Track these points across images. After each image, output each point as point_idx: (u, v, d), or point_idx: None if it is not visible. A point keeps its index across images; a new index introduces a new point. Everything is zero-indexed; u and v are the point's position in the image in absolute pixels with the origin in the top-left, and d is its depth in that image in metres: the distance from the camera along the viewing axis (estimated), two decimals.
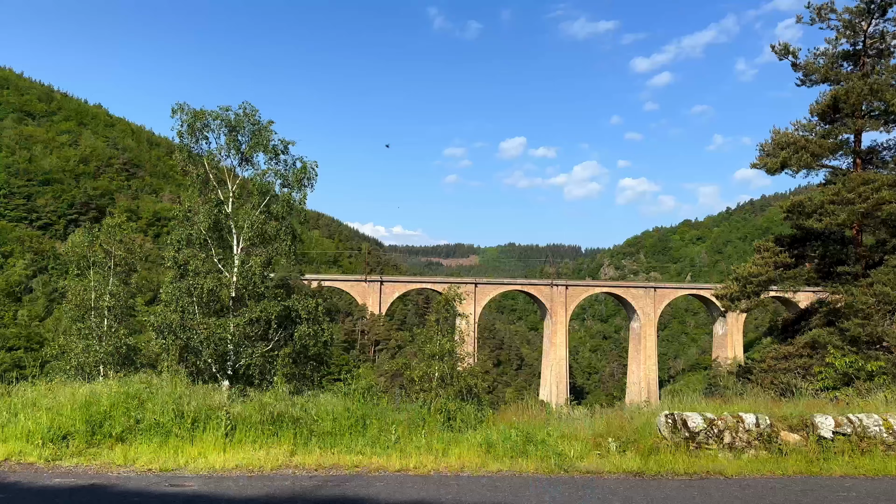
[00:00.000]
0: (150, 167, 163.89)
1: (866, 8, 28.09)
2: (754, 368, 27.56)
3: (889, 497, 8.83)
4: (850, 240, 28.72)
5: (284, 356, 22.91)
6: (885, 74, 28.13)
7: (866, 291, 24.63)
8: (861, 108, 28.07)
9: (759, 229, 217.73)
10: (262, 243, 24.53)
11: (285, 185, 25.13)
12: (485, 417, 13.63)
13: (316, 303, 24.23)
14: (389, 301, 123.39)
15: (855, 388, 15.92)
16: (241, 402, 12.29)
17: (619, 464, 10.35)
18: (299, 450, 10.48)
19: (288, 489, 8.47)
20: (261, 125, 24.67)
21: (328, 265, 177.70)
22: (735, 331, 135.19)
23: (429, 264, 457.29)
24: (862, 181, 26.12)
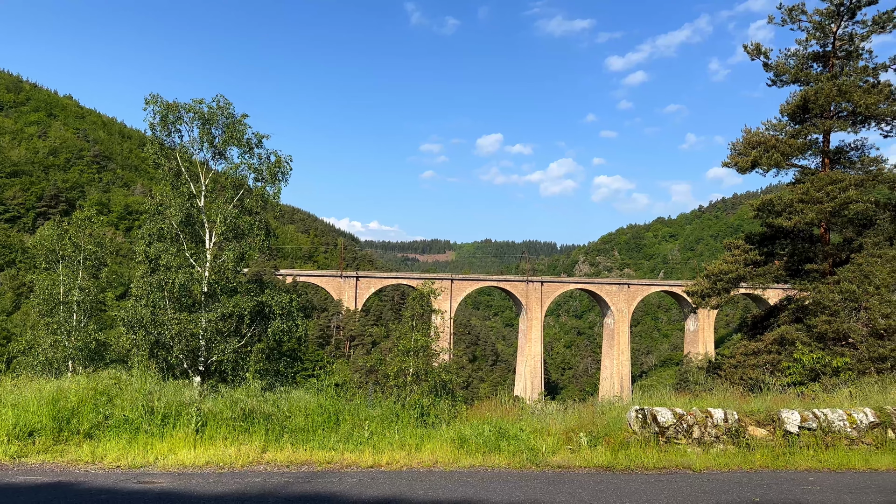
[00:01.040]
0: (122, 160, 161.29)
1: (836, 10, 28.57)
2: (724, 364, 27.99)
3: (851, 490, 9.03)
4: (817, 238, 29.24)
5: (257, 352, 22.72)
6: (854, 76, 28.64)
7: (833, 289, 25.12)
8: (830, 109, 28.56)
9: (730, 227, 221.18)
10: (236, 238, 24.25)
11: (259, 179, 24.88)
12: (458, 413, 13.67)
13: (290, 298, 24.04)
14: (365, 297, 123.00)
15: (821, 383, 16.26)
16: (212, 398, 12.17)
17: (590, 458, 10.46)
18: (271, 446, 10.42)
19: (259, 486, 8.42)
20: (234, 118, 24.38)
21: (303, 260, 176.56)
22: (706, 327, 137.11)
23: (405, 260, 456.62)
24: (829, 181, 26.61)
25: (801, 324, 26.17)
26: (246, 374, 15.33)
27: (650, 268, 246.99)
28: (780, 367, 19.14)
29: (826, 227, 28.59)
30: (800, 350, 18.53)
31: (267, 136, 24.87)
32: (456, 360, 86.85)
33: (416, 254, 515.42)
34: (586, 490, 8.67)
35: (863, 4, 28.38)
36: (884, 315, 23.62)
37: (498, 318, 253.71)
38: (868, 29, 28.70)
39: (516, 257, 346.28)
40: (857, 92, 27.41)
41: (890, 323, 23.58)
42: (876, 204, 28.36)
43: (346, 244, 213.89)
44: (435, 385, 25.66)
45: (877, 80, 28.83)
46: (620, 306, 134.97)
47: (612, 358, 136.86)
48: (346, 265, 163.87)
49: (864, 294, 23.92)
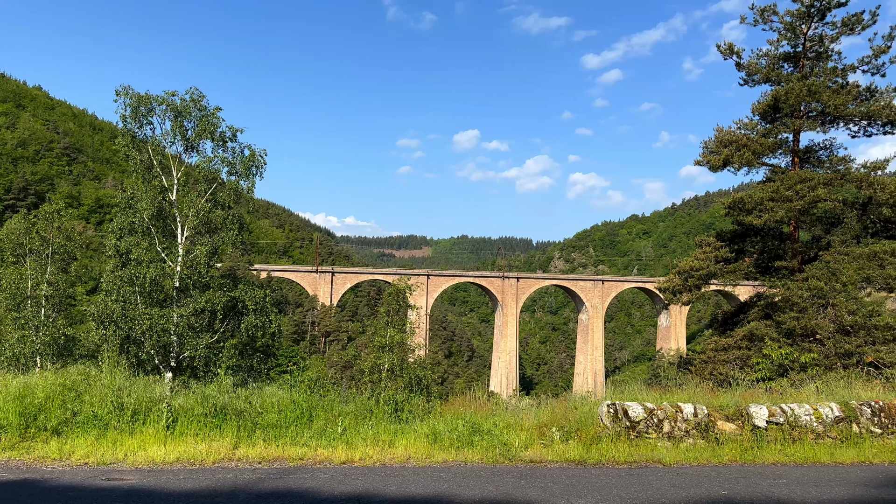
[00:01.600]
0: (93, 152, 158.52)
1: (806, 12, 29.00)
2: (695, 359, 28.38)
3: (817, 483, 9.21)
4: (787, 236, 29.73)
5: (230, 348, 22.52)
6: (823, 77, 29.13)
7: (801, 286, 25.57)
8: (800, 109, 29.01)
9: (702, 225, 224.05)
10: (208, 232, 24.00)
11: (232, 172, 24.63)
12: (433, 408, 13.69)
13: (264, 293, 23.86)
14: (341, 292, 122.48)
15: (789, 378, 16.54)
16: (183, 394, 12.06)
17: (562, 453, 10.55)
18: (243, 442, 10.34)
19: (230, 482, 8.35)
20: (208, 111, 24.10)
21: (278, 255, 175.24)
22: (678, 323, 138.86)
23: (381, 255, 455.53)
24: (799, 179, 27.05)
25: (770, 320, 26.60)
26: (218, 370, 15.19)
27: (624, 264, 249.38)
28: (750, 363, 19.48)
29: (795, 225, 29.07)
30: (769, 346, 18.84)
31: (241, 130, 24.66)
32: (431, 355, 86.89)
33: (393, 249, 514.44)
34: (558, 484, 8.74)
35: (832, 6, 28.84)
36: (850, 312, 24.12)
37: (474, 314, 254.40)
38: (837, 31, 29.19)
39: (493, 253, 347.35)
40: (827, 92, 27.89)
41: (856, 319, 24.09)
42: (843, 203, 28.92)
43: (322, 239, 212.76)
44: (410, 381, 25.69)
45: (845, 82, 29.37)
46: (595, 302, 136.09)
47: (586, 353, 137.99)
48: (322, 260, 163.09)
49: (832, 291, 24.39)
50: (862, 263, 25.28)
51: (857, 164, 29.21)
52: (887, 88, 28.65)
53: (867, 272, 25.16)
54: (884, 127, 28.90)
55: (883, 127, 28.92)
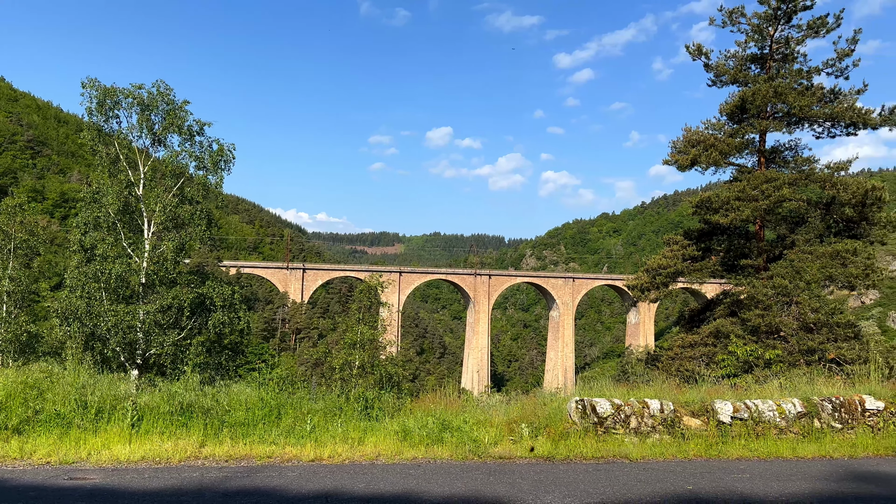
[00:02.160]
0: (58, 145, 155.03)
1: (773, 14, 29.49)
2: (662, 356, 28.74)
3: (779, 478, 9.38)
4: (752, 235, 30.22)
5: (197, 345, 22.22)
6: (789, 78, 29.65)
7: (766, 284, 26.06)
8: (766, 110, 29.49)
9: (671, 223, 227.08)
10: (176, 227, 23.64)
11: (200, 167, 24.28)
12: (403, 406, 13.68)
13: (232, 290, 23.57)
14: (312, 289, 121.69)
15: (753, 375, 16.85)
16: (149, 392, 11.88)
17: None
18: (210, 441, 10.23)
19: (196, 481, 8.25)
20: (175, 105, 23.72)
21: (248, 252, 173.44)
22: (647, 320, 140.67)
23: (353, 252, 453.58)
24: (765, 179, 27.52)
25: (735, 317, 27.06)
26: (185, 367, 15.00)
27: (594, 262, 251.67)
28: (716, 360, 19.79)
29: (761, 225, 29.56)
30: (734, 343, 19.17)
31: (209, 124, 24.31)
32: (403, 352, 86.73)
33: (365, 246, 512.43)
34: (526, 480, 8.79)
35: (798, 9, 29.36)
36: (813, 309, 24.66)
37: (446, 311, 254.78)
38: (803, 33, 29.73)
39: (465, 250, 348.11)
40: (792, 94, 28.38)
41: (819, 317, 24.64)
42: (808, 202, 29.49)
43: (293, 235, 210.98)
44: (381, 378, 25.62)
45: (810, 83, 29.93)
46: (566, 300, 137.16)
47: (556, 350, 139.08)
48: (293, 257, 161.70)
49: (796, 289, 24.89)
50: (825, 262, 25.83)
51: (820, 165, 29.80)
52: (850, 91, 29.25)
53: (830, 271, 25.71)
54: (847, 128, 29.52)
55: (846, 128, 29.54)
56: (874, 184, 27.74)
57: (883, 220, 28.05)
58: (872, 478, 9.61)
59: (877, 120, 28.53)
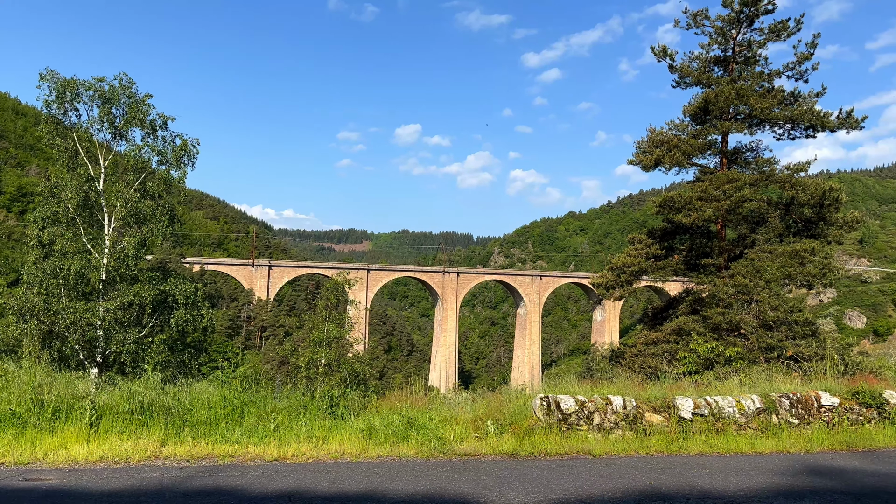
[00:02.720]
0: (15, 138, 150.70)
1: (736, 17, 29.98)
2: (626, 353, 29.07)
3: (738, 473, 9.57)
4: (714, 234, 30.72)
5: (159, 343, 21.84)
6: (751, 81, 30.19)
7: (727, 282, 26.55)
8: (728, 111, 29.97)
9: (636, 222, 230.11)
10: (137, 223, 23.19)
11: (163, 162, 23.86)
12: (369, 404, 13.64)
13: (195, 287, 23.22)
14: (278, 286, 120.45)
15: (714, 372, 17.17)
16: (108, 391, 11.64)
17: (496, 445, 10.67)
18: (170, 440, 10.07)
19: (156, 481, 8.11)
20: (137, 98, 23.26)
21: (212, 248, 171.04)
22: (612, 317, 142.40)
23: (320, 249, 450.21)
24: (726, 180, 28.01)
25: (697, 315, 27.51)
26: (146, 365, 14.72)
27: (561, 260, 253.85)
28: (678, 357, 20.08)
29: (722, 224, 30.07)
30: (695, 340, 19.51)
31: (172, 118, 23.92)
32: (370, 350, 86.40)
33: (333, 243, 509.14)
34: (490, 477, 8.83)
35: (760, 13, 29.89)
36: (773, 307, 25.19)
37: (414, 309, 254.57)
38: (765, 37, 30.28)
39: (433, 248, 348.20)
40: (754, 96, 28.89)
41: (778, 315, 25.18)
42: (768, 202, 30.08)
43: (259, 232, 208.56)
44: (347, 376, 25.48)
45: (771, 86, 30.48)
46: (533, 297, 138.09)
47: (523, 347, 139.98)
48: (259, 254, 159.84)
49: (756, 288, 25.40)
50: (784, 261, 26.40)
51: (781, 166, 30.36)
52: (810, 94, 29.88)
53: (789, 270, 26.29)
54: (806, 130, 30.16)
55: (805, 130, 30.18)
56: (832, 185, 28.41)
57: (840, 220, 28.76)
58: (827, 472, 9.87)
59: (835, 123, 29.22)
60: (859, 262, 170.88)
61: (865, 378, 14.77)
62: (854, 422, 12.94)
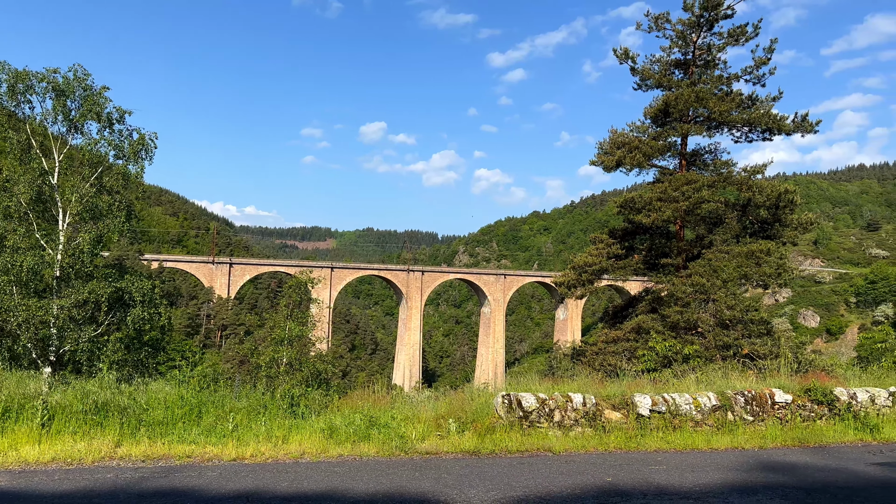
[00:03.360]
0: None
1: (696, 21, 30.49)
2: (587, 351, 29.41)
3: (693, 469, 9.75)
4: (673, 234, 31.23)
5: (115, 341, 21.36)
6: (710, 84, 30.75)
7: (685, 282, 27.03)
8: (688, 114, 30.49)
9: (598, 222, 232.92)
10: (93, 219, 22.63)
11: (120, 156, 23.31)
12: (330, 403, 13.55)
13: (152, 284, 22.76)
14: (239, 284, 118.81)
15: (672, 369, 17.47)
16: (61, 391, 11.36)
17: (458, 444, 10.69)
18: (126, 440, 9.88)
19: (110, 482, 7.95)
20: (93, 90, 22.67)
21: (171, 245, 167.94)
22: (574, 316, 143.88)
23: (283, 247, 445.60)
24: (685, 181, 28.51)
25: (656, 314, 27.94)
26: (101, 364, 14.40)
27: (525, 259, 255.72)
28: (637, 354, 20.40)
29: (681, 225, 30.57)
30: (654, 338, 19.83)
31: (129, 112, 23.37)
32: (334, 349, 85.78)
33: (296, 241, 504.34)
34: (451, 475, 8.85)
35: (720, 18, 30.45)
36: (729, 307, 25.72)
37: (378, 307, 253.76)
38: (724, 41, 30.85)
39: (398, 246, 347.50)
40: (713, 99, 29.43)
41: (734, 314, 25.72)
42: (725, 204, 30.69)
43: (220, 229, 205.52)
44: (309, 375, 25.24)
45: (730, 89, 31.08)
46: (497, 296, 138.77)
47: (487, 346, 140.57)
48: (219, 251, 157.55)
49: (713, 287, 25.92)
50: (740, 262, 26.98)
51: (738, 168, 30.97)
52: (767, 97, 30.54)
53: (745, 270, 26.88)
54: (763, 133, 30.85)
55: (762, 133, 30.87)
56: (787, 187, 29.11)
57: (794, 222, 29.50)
58: (780, 467, 10.11)
59: (790, 126, 29.95)
60: (813, 262, 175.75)
61: (817, 376, 15.16)
62: (806, 418, 13.28)
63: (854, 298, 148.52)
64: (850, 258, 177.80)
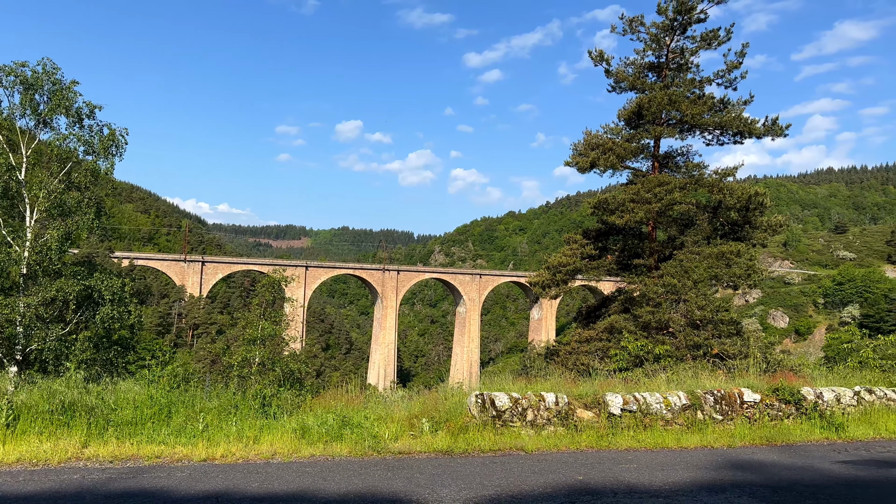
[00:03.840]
0: None
1: (670, 25, 30.87)
2: (560, 351, 29.63)
3: (663, 467, 9.86)
4: (645, 235, 31.60)
5: (83, 340, 20.97)
6: (682, 87, 31.15)
7: (657, 282, 27.36)
8: (661, 116, 30.86)
9: (573, 223, 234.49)
10: (61, 215, 22.19)
11: (89, 152, 22.88)
12: (303, 402, 13.46)
13: (122, 282, 22.39)
14: (212, 283, 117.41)
15: (643, 369, 17.65)
16: (27, 390, 11.14)
17: (431, 443, 10.69)
18: (93, 441, 9.72)
19: (76, 483, 7.82)
20: (63, 85, 22.22)
21: (143, 242, 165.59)
22: (549, 316, 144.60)
23: (257, 245, 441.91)
24: (658, 183, 28.85)
25: (628, 314, 28.24)
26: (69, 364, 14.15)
27: (501, 259, 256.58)
28: (609, 354, 20.57)
29: (653, 226, 30.93)
30: (626, 338, 20.02)
31: (100, 107, 22.95)
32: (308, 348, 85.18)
33: (270, 239, 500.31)
34: (424, 475, 8.85)
35: (693, 22, 30.86)
36: (699, 307, 26.08)
37: (353, 307, 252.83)
38: (697, 45, 31.27)
39: (374, 245, 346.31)
40: (685, 102, 29.81)
41: (705, 314, 26.09)
42: (697, 206, 31.13)
43: (192, 227, 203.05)
44: (282, 375, 25.06)
45: (702, 93, 31.53)
46: (472, 296, 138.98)
47: (462, 345, 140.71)
48: (192, 249, 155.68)
49: (684, 288, 26.26)
50: (711, 263, 27.38)
51: (709, 171, 31.42)
52: (738, 101, 31.02)
53: (715, 271, 27.28)
54: (734, 136, 31.32)
55: (733, 136, 31.34)
56: (757, 190, 29.60)
57: (764, 224, 30.01)
58: (748, 466, 10.26)
59: (761, 130, 30.45)
60: (783, 264, 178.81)
61: (785, 375, 15.42)
62: (774, 417, 13.50)
63: (822, 299, 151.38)
64: (819, 260, 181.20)
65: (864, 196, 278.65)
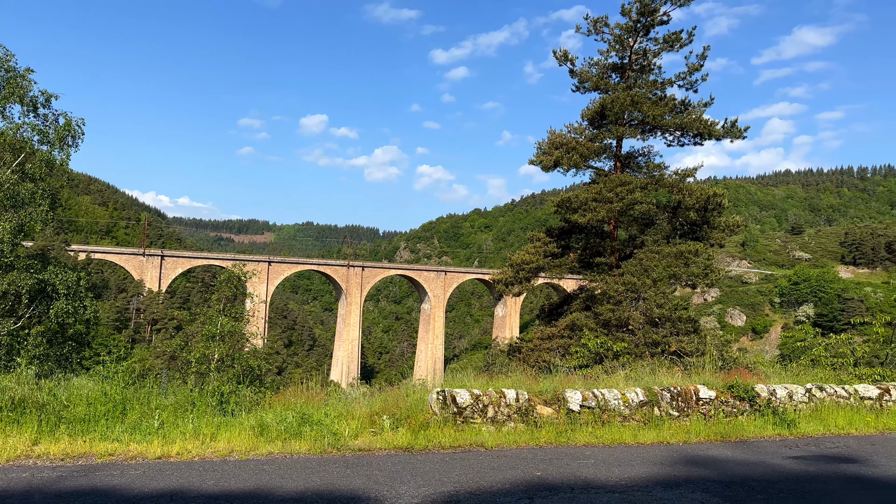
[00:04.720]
0: None
1: (633, 26, 31.22)
2: (523, 348, 29.86)
3: (620, 463, 10.00)
4: (607, 234, 31.99)
5: (36, 335, 20.43)
6: (645, 88, 31.56)
7: (617, 280, 27.76)
8: (623, 117, 31.23)
9: (538, 221, 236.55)
10: (14, 207, 21.55)
11: (44, 142, 22.27)
12: (262, 399, 13.31)
13: (77, 276, 21.86)
14: (171, 277, 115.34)
15: (603, 366, 17.87)
16: None
17: (391, 440, 10.68)
18: (44, 438, 9.49)
19: (25, 481, 7.62)
20: (17, 72, 21.58)
21: (100, 236, 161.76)
22: (513, 313, 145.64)
23: (218, 240, 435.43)
24: (619, 182, 29.23)
25: (589, 311, 28.59)
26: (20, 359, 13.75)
27: (466, 256, 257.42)
28: (570, 351, 20.78)
29: (615, 225, 31.33)
30: (587, 336, 20.23)
31: (56, 96, 22.38)
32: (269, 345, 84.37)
33: (232, 233, 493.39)
34: (383, 472, 8.84)
35: (656, 24, 31.25)
36: (658, 305, 26.53)
37: (317, 303, 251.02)
38: (659, 47, 31.68)
39: (339, 241, 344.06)
40: (647, 103, 30.20)
41: (663, 312, 26.56)
42: (657, 205, 31.62)
43: (151, 220, 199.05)
44: (241, 371, 24.74)
45: (664, 94, 31.97)
46: (437, 292, 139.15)
47: (427, 342, 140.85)
48: (151, 242, 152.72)
49: (643, 286, 26.69)
50: (670, 262, 27.86)
51: (670, 171, 31.88)
52: (699, 103, 31.53)
53: (674, 270, 27.77)
54: (695, 138, 31.88)
55: (694, 138, 31.90)
56: (716, 190, 30.19)
57: (722, 224, 30.65)
58: (703, 462, 10.45)
59: (720, 132, 31.05)
60: (741, 263, 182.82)
61: (740, 373, 15.76)
62: (729, 414, 13.77)
63: (778, 299, 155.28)
64: (776, 260, 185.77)
65: (820, 198, 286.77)
